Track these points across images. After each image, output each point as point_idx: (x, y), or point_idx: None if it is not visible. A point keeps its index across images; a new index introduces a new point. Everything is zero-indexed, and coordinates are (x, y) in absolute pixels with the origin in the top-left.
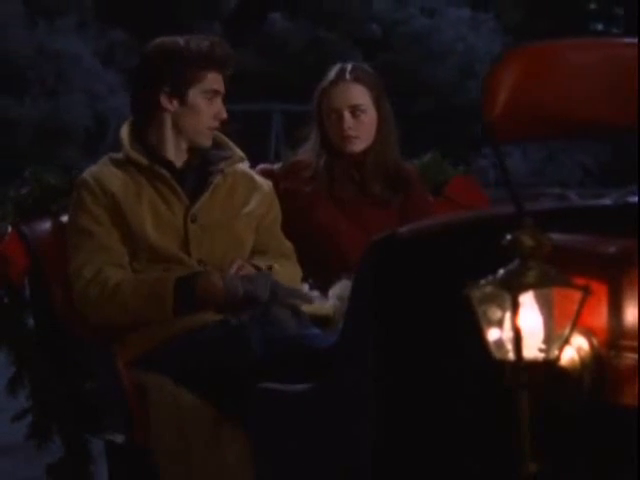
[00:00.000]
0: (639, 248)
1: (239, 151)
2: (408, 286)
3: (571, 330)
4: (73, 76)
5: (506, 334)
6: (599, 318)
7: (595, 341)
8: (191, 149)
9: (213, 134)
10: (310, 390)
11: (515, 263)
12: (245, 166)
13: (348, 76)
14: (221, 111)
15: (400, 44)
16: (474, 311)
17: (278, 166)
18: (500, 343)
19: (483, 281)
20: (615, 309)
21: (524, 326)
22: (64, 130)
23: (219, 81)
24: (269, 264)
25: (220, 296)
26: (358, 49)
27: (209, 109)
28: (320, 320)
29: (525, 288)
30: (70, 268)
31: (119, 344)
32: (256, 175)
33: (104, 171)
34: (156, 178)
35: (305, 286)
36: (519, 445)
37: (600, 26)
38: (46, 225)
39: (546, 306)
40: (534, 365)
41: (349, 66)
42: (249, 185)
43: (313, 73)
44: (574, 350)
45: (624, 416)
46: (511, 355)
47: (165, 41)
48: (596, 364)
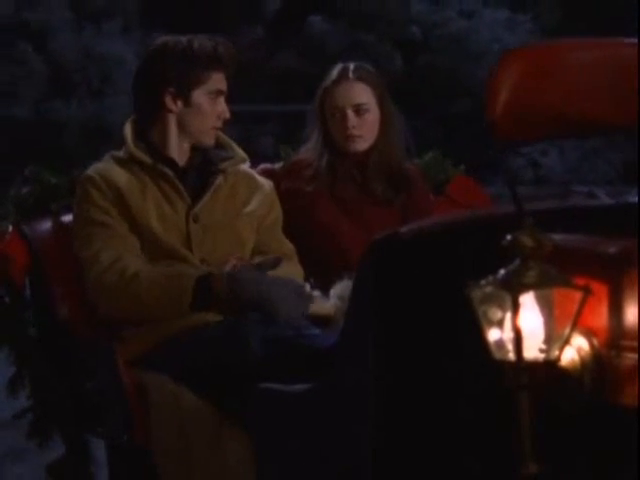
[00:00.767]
0: (639, 248)
1: (241, 151)
2: (409, 286)
3: (571, 330)
4: (117, 78)
5: (506, 334)
6: (599, 318)
7: (595, 341)
8: (193, 148)
9: (216, 133)
10: (311, 390)
11: (515, 263)
12: (246, 166)
13: (351, 75)
14: (225, 111)
15: (438, 46)
16: (474, 311)
17: (279, 166)
18: (500, 343)
19: (483, 281)
20: (615, 309)
21: (524, 326)
22: (108, 130)
23: (223, 81)
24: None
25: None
26: (397, 51)
27: (213, 109)
28: (321, 320)
29: (525, 288)
30: (83, 255)
31: (119, 343)
32: (257, 175)
33: (108, 167)
34: (159, 177)
35: (306, 286)
36: (519, 445)
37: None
38: (47, 224)
39: (546, 306)
40: (534, 365)
41: (352, 65)
42: (250, 185)
43: None
44: (574, 350)
45: (624, 416)
46: (511, 355)
47: (169, 41)
48: (596, 364)
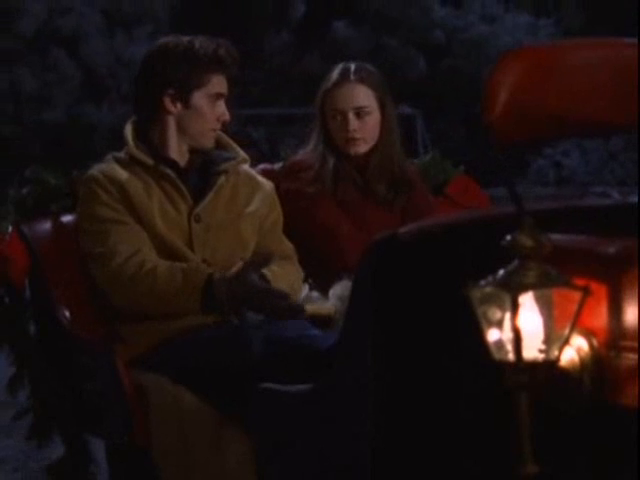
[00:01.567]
0: (639, 248)
1: (242, 152)
2: (408, 286)
3: (571, 331)
4: None
5: (506, 335)
6: (599, 319)
7: (595, 342)
8: (193, 150)
9: (216, 135)
10: (310, 390)
11: (515, 263)
12: (247, 167)
13: (352, 77)
14: (224, 113)
15: (460, 50)
16: (474, 311)
17: (278, 166)
18: (500, 344)
19: (483, 281)
20: (615, 310)
21: (524, 327)
22: None
23: (223, 83)
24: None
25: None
26: (420, 55)
27: (212, 111)
28: (321, 320)
29: (525, 289)
30: (98, 251)
31: (119, 344)
32: (258, 176)
33: (111, 168)
34: (161, 177)
35: (306, 286)
36: (519, 445)
37: None
38: (47, 225)
39: (546, 307)
40: (534, 366)
41: (353, 66)
42: (251, 185)
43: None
44: (574, 351)
45: (624, 417)
46: (511, 356)
47: (169, 42)
48: (596, 365)
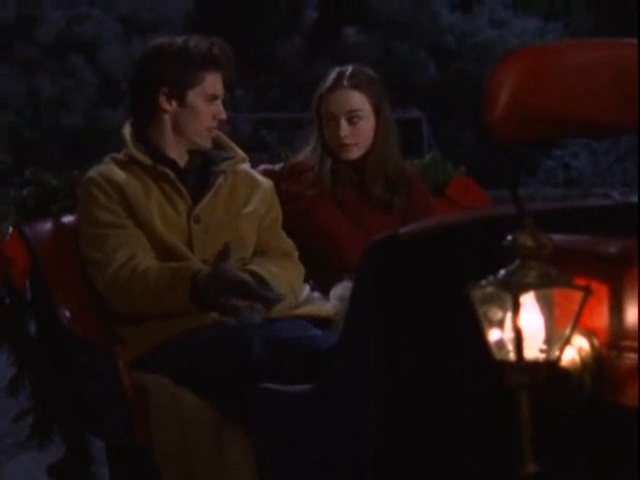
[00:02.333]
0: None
1: (241, 152)
2: (409, 287)
3: (572, 331)
4: None
5: (507, 335)
6: (600, 318)
7: (596, 341)
8: (191, 150)
9: (213, 135)
10: (311, 391)
11: (516, 263)
12: (246, 166)
13: (346, 82)
14: (220, 111)
15: (470, 54)
16: (475, 311)
17: (279, 167)
18: (501, 344)
19: (484, 281)
20: (616, 309)
21: (525, 326)
22: None
23: (218, 82)
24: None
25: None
26: (430, 59)
27: (208, 110)
28: (321, 321)
29: (526, 288)
30: (95, 256)
31: (120, 345)
32: (257, 174)
33: (110, 169)
34: (160, 178)
35: (306, 287)
36: (519, 445)
37: None
38: (47, 226)
39: (547, 306)
40: (535, 365)
41: (348, 70)
42: (250, 184)
43: (387, 81)
44: (575, 351)
45: (625, 417)
46: (512, 356)
47: (164, 42)
48: (597, 365)
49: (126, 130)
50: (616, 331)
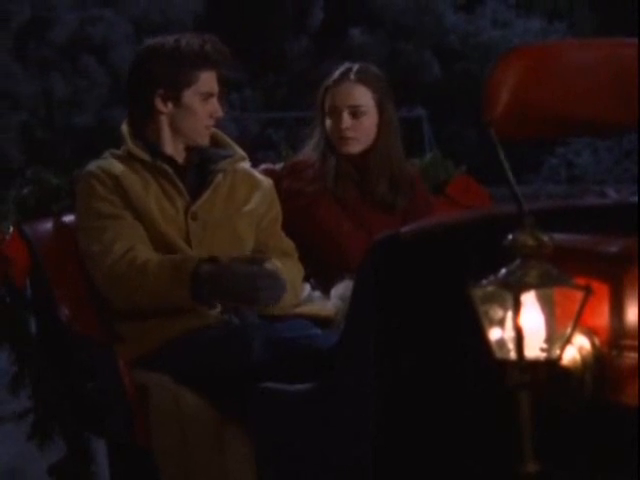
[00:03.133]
0: None
1: (240, 150)
2: (410, 286)
3: (573, 330)
4: None
5: (508, 334)
6: (601, 318)
7: (597, 341)
8: (189, 147)
9: (211, 132)
10: (312, 390)
11: (516, 263)
12: (246, 165)
13: (352, 76)
14: (216, 110)
15: (473, 54)
16: (476, 310)
17: (280, 166)
18: (502, 343)
19: (485, 281)
20: (617, 309)
21: (526, 326)
22: None
23: (213, 80)
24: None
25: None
26: (435, 59)
27: (204, 109)
28: (322, 320)
29: (527, 288)
30: (93, 249)
31: (120, 344)
32: (256, 173)
33: (109, 163)
34: (159, 174)
35: (307, 286)
36: (520, 444)
37: None
38: (48, 225)
39: (548, 306)
40: (536, 365)
41: (355, 66)
42: (250, 183)
43: (392, 80)
44: (576, 350)
45: (625, 416)
46: (513, 355)
47: (157, 42)
48: (598, 364)
49: (124, 128)
50: (617, 330)
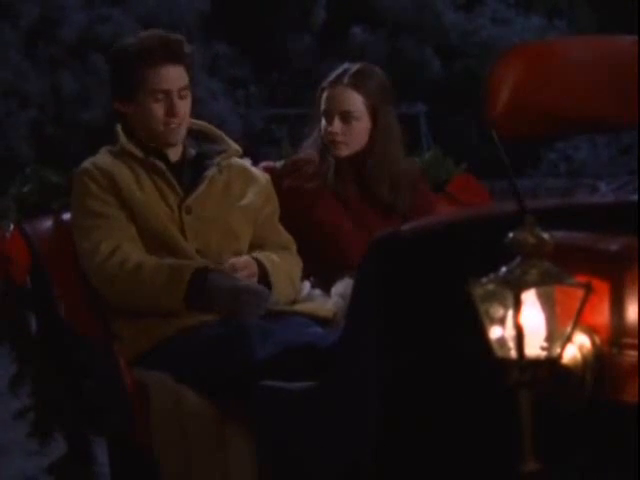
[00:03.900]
0: None
1: (234, 145)
2: (411, 284)
3: (573, 328)
4: None
5: (508, 332)
6: (601, 316)
7: (597, 339)
8: (184, 144)
9: (178, 131)
10: (312, 388)
11: (517, 261)
12: (242, 160)
13: (346, 80)
14: (171, 107)
15: (473, 52)
16: (476, 309)
17: (280, 164)
18: (502, 341)
19: (485, 279)
20: (617, 307)
21: (526, 324)
22: None
23: (160, 77)
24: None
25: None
26: (436, 57)
27: (159, 108)
28: (320, 320)
29: (527, 286)
30: (84, 247)
31: (121, 343)
32: (253, 168)
33: (104, 160)
34: (152, 170)
35: (307, 284)
36: (520, 443)
37: None
38: (48, 223)
39: (548, 304)
40: (536, 363)
41: (352, 69)
42: (246, 178)
43: (394, 78)
44: (576, 348)
45: (626, 414)
46: (513, 353)
47: (118, 44)
48: (598, 362)
49: (119, 125)
50: (617, 328)
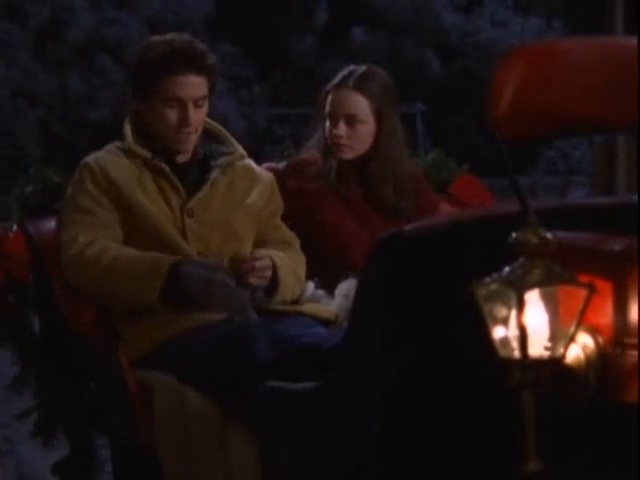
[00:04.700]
0: None
1: (240, 148)
2: (414, 284)
3: (576, 328)
4: None
5: (511, 332)
6: (604, 316)
7: (600, 339)
8: (195, 145)
9: (188, 138)
10: (315, 388)
11: (520, 261)
12: (246, 161)
13: (351, 83)
14: (185, 119)
15: (472, 52)
16: (480, 309)
17: (282, 164)
18: (506, 341)
19: (488, 279)
20: (620, 307)
21: (529, 324)
22: None
23: (176, 86)
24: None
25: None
26: (434, 57)
27: (171, 116)
28: (323, 321)
29: (530, 286)
30: (63, 238)
31: (123, 343)
32: (256, 167)
33: (108, 158)
34: (157, 171)
35: (311, 284)
36: (523, 442)
37: None
38: (50, 223)
39: (551, 304)
40: (539, 363)
41: (358, 71)
42: (249, 178)
43: (394, 78)
44: (579, 348)
45: (629, 414)
46: (517, 353)
47: (144, 42)
48: (601, 362)
49: (126, 123)
50: (620, 328)
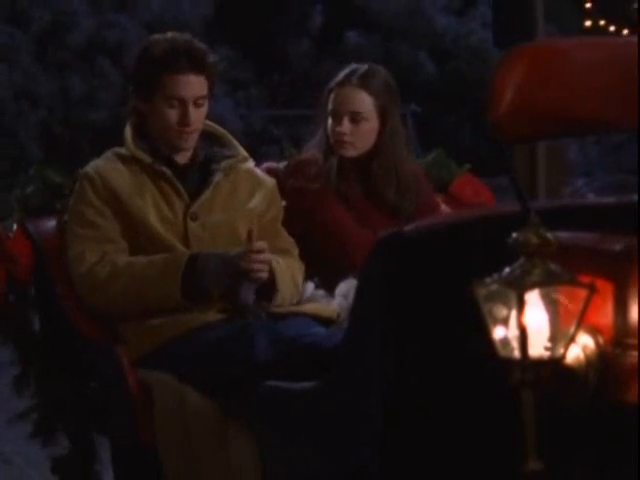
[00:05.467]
0: None
1: (243, 151)
2: (414, 284)
3: (577, 328)
4: None
5: (512, 332)
6: (604, 316)
7: (600, 339)
8: (195, 147)
9: (189, 137)
10: (315, 388)
11: (521, 261)
12: (249, 164)
13: (355, 80)
14: (185, 118)
15: (464, 55)
16: (480, 309)
17: (283, 164)
18: (506, 341)
19: (489, 279)
20: (620, 307)
21: (530, 324)
22: None
23: (177, 84)
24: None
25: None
26: (429, 59)
27: (172, 115)
28: (323, 321)
29: (531, 286)
30: (70, 254)
31: (124, 343)
32: (259, 172)
33: (107, 166)
34: (158, 176)
35: (311, 284)
36: (523, 442)
37: None
38: (51, 223)
39: (552, 304)
40: (540, 363)
41: (361, 69)
42: (252, 182)
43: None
44: (580, 348)
45: (629, 414)
46: (517, 353)
47: (146, 41)
48: (601, 362)
49: (127, 128)
50: (620, 329)
